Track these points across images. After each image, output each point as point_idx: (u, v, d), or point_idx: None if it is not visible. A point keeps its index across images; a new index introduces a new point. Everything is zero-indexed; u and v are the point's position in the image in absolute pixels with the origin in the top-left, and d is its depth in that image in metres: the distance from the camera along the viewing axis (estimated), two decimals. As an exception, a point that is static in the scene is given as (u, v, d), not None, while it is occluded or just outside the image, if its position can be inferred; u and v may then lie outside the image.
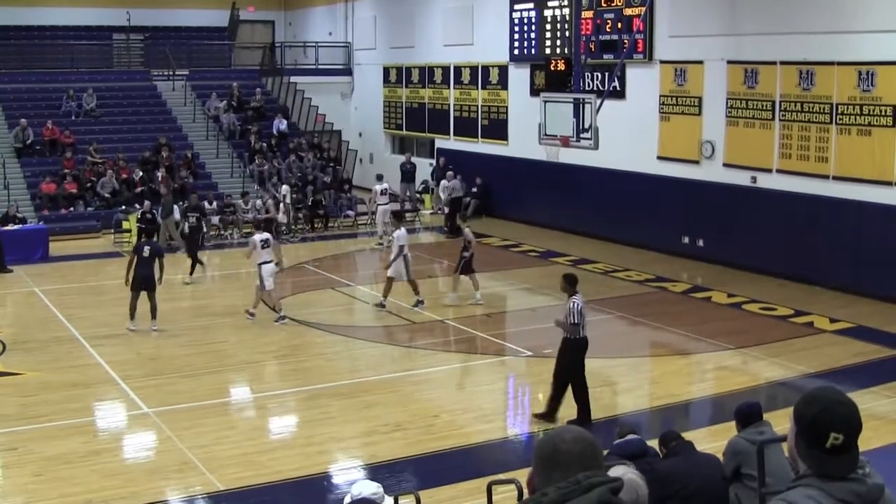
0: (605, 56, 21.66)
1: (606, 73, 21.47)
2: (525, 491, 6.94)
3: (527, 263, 20.81)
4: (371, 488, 5.82)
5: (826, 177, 17.61)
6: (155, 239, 22.26)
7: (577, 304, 10.98)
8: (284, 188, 24.89)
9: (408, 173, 27.87)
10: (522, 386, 13.39)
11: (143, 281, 15.02)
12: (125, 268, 15.31)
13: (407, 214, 26.21)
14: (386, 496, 5.96)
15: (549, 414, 11.07)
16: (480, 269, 20.39)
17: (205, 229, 21.99)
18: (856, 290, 17.09)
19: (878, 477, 2.79)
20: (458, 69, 27.78)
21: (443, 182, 25.80)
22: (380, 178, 24.34)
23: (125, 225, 22.98)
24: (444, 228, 24.73)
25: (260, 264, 15.60)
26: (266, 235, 16.11)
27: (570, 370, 10.98)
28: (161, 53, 31.21)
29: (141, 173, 25.15)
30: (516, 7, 24.89)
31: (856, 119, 16.97)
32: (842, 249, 17.42)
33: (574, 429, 2.72)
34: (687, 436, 7.56)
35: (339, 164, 29.19)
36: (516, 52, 25.19)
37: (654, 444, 7.34)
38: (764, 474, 5.53)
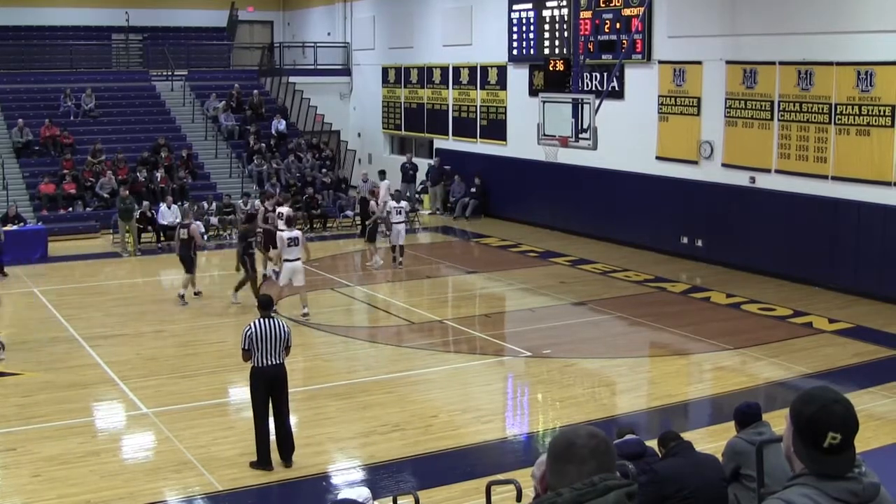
0: (603, 56, 21.65)
1: (605, 74, 21.47)
2: (524, 491, 6.95)
3: (526, 264, 20.81)
4: (364, 493, 5.79)
5: (825, 177, 17.61)
6: (162, 239, 22.42)
7: (246, 329, 9.72)
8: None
9: (408, 173, 27.91)
10: (521, 386, 13.39)
11: None
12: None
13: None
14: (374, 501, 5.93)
15: (262, 462, 9.76)
16: (481, 269, 20.42)
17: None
18: (855, 290, 17.10)
19: (874, 476, 2.79)
20: (456, 69, 27.78)
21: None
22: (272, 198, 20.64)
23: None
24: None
25: (284, 260, 16.12)
26: (295, 233, 16.30)
27: (253, 404, 9.82)
28: (160, 54, 31.21)
29: (144, 173, 25.15)
30: (515, 7, 24.89)
31: (854, 119, 16.97)
32: (841, 250, 17.42)
33: (588, 426, 2.76)
34: (686, 436, 7.55)
35: (337, 164, 29.19)
36: (515, 52, 25.19)
37: (653, 444, 7.34)
38: (763, 475, 5.52)
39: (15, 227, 21.26)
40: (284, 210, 19.05)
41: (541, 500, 2.61)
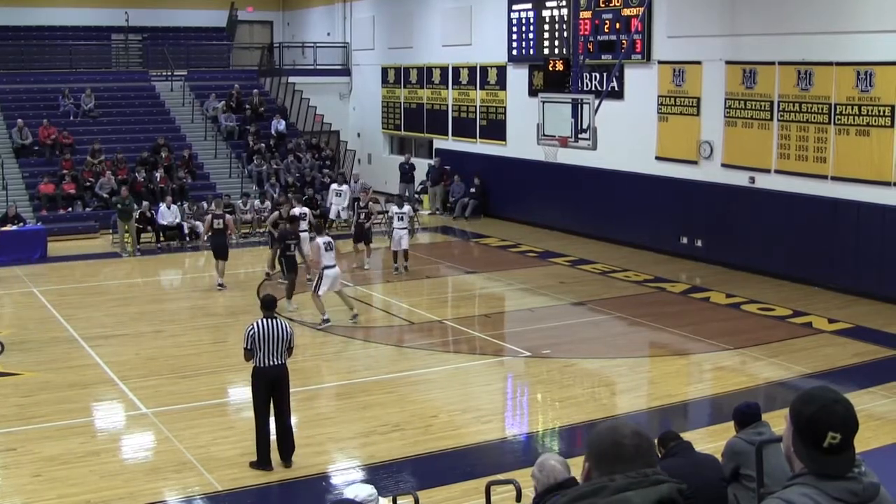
0: (603, 56, 21.66)
1: (605, 74, 21.47)
2: (524, 491, 6.96)
3: (525, 264, 20.81)
4: (363, 491, 5.80)
5: (824, 177, 17.62)
6: (162, 239, 22.42)
7: (248, 328, 9.76)
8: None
9: (407, 173, 27.90)
10: (521, 386, 13.39)
11: None
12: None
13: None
14: (380, 498, 5.94)
15: (262, 462, 9.76)
16: (481, 270, 20.41)
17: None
18: (854, 290, 17.10)
19: (874, 476, 2.80)
20: (456, 69, 27.78)
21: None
22: (298, 198, 20.71)
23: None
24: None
25: (324, 268, 15.40)
26: (328, 238, 15.73)
27: (254, 404, 9.83)
28: (159, 54, 31.21)
29: (143, 173, 25.14)
30: (514, 7, 24.89)
31: (854, 119, 16.98)
32: (840, 250, 17.43)
33: (627, 422, 2.78)
34: (686, 436, 7.56)
35: (337, 164, 29.20)
36: (514, 52, 25.19)
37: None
38: (762, 475, 5.52)
39: (14, 227, 21.27)
40: (307, 211, 19.07)
41: (592, 482, 2.62)
